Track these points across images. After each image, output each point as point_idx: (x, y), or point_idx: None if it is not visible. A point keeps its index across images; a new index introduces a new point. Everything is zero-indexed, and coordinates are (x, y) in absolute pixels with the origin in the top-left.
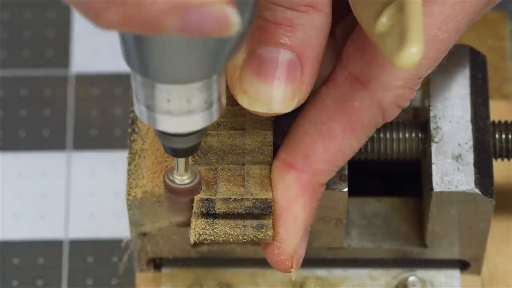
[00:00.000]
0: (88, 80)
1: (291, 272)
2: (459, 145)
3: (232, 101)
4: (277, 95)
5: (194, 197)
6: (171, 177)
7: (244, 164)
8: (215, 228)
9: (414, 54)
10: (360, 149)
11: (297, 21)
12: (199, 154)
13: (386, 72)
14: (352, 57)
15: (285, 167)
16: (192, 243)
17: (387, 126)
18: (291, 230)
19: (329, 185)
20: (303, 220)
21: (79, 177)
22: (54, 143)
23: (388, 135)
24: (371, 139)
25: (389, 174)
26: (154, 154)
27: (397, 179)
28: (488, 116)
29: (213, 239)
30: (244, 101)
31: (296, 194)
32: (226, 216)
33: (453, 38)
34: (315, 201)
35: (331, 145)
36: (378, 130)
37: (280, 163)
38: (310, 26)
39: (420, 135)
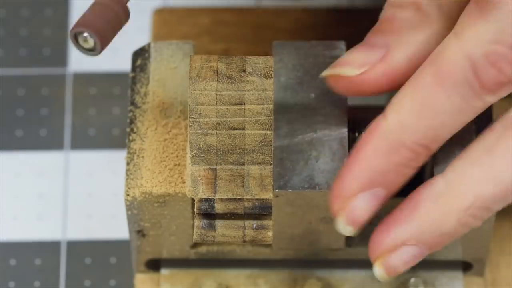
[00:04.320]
0: (86, 79)
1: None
2: (462, 145)
3: (231, 101)
4: None
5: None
6: None
7: (244, 164)
8: (214, 228)
9: None
10: None
11: None
12: (199, 154)
13: (479, 24)
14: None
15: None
16: (193, 242)
17: None
18: (355, 174)
19: (330, 185)
20: (371, 171)
21: (77, 177)
22: (52, 143)
23: None
24: None
25: None
26: (153, 154)
27: None
28: (491, 116)
29: (213, 239)
30: None
31: (379, 146)
32: (226, 216)
33: None
34: (393, 164)
35: (418, 94)
36: None
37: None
38: None
39: None
